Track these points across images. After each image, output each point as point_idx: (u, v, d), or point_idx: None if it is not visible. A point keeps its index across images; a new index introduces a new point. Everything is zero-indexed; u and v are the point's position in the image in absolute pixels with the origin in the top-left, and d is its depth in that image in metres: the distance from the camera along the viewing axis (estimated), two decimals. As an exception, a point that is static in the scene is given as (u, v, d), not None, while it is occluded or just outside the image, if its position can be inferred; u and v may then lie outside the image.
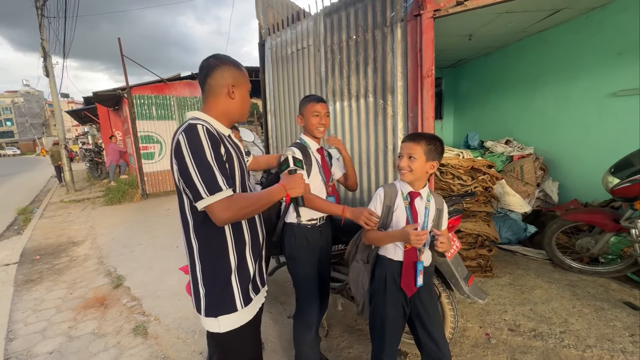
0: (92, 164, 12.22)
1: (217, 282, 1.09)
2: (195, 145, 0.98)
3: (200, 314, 1.11)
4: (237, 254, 1.12)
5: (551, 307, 2.42)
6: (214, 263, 1.09)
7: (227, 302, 1.09)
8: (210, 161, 0.98)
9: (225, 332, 1.10)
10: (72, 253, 4.50)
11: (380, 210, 1.46)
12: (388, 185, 1.50)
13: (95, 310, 2.92)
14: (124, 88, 7.38)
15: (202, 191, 0.96)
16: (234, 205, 0.99)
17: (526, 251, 3.27)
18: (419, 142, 1.38)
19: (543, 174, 3.89)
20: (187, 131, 0.99)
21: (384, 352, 1.42)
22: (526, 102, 4.32)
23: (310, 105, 1.71)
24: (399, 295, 1.43)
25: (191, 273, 1.13)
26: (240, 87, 1.16)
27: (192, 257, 1.12)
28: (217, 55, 1.16)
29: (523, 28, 3.87)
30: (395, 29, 2.19)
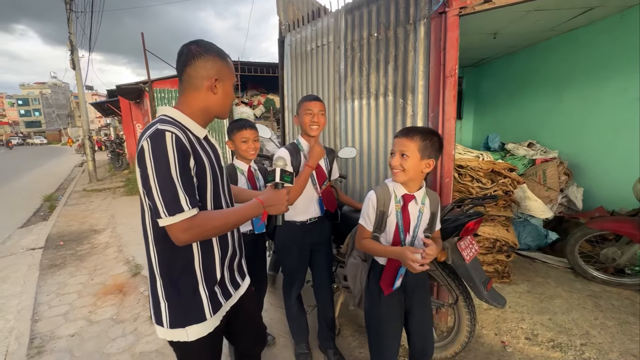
0: (114, 155, 12.62)
1: (182, 295, 1.01)
2: (159, 157, 0.87)
3: (162, 326, 1.02)
4: (203, 264, 1.03)
5: (571, 317, 2.34)
6: (177, 278, 1.01)
7: (195, 313, 1.02)
8: (174, 177, 0.88)
9: (193, 340, 1.03)
10: (93, 240, 4.67)
11: (373, 216, 1.36)
12: (380, 186, 1.38)
13: (114, 296, 3.02)
14: (145, 82, 7.55)
15: (161, 210, 0.88)
16: (196, 227, 0.91)
17: (546, 258, 3.16)
18: (413, 138, 1.26)
19: (567, 179, 3.74)
20: (154, 138, 0.88)
21: (386, 349, 1.40)
22: (552, 103, 4.16)
23: (304, 104, 1.74)
24: (395, 296, 1.38)
25: (150, 285, 1.05)
26: (225, 82, 1.04)
27: (151, 270, 1.03)
28: (199, 41, 1.02)
29: (552, 26, 3.71)
30: (419, 26, 2.13)
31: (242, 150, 1.82)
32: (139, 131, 11.36)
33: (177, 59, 1.02)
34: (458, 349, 1.78)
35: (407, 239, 1.35)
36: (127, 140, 12.24)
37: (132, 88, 8.09)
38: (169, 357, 2.15)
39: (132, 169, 11.01)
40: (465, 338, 1.72)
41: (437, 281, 1.80)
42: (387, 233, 1.36)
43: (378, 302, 1.40)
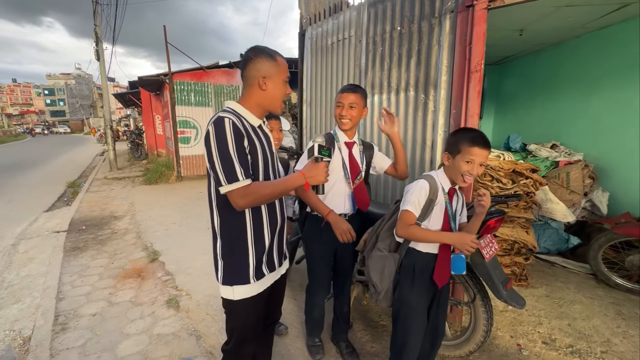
0: (133, 145, 12.97)
1: (234, 256, 1.20)
2: (220, 137, 1.08)
3: (218, 280, 1.24)
4: (254, 234, 1.21)
5: (592, 324, 2.27)
6: (233, 240, 1.20)
7: (241, 275, 1.20)
8: (231, 153, 1.08)
9: (237, 299, 1.21)
10: (113, 226, 4.83)
11: (424, 203, 1.38)
12: (428, 176, 1.43)
13: (133, 280, 3.12)
14: (166, 74, 7.72)
15: (222, 179, 1.08)
16: (250, 193, 1.10)
17: (567, 263, 3.07)
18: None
19: (592, 182, 3.61)
20: (216, 123, 1.09)
21: (410, 337, 1.44)
22: (579, 104, 4.00)
23: (338, 96, 1.73)
24: (427, 286, 1.43)
25: (213, 245, 1.25)
26: (273, 78, 1.19)
27: (214, 231, 1.24)
28: (254, 47, 1.22)
29: (583, 23, 3.56)
30: (444, 20, 2.09)
31: (335, 114, 1.77)
32: (158, 122, 11.64)
33: (241, 61, 1.24)
34: (473, 348, 1.75)
35: (455, 225, 1.44)
36: (147, 131, 12.54)
37: (153, 80, 8.27)
38: (185, 341, 2.21)
39: (151, 159, 11.30)
40: (481, 338, 1.69)
41: (454, 279, 1.78)
42: (433, 222, 1.41)
43: (411, 290, 1.44)
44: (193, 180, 8.35)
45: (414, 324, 1.43)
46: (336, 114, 1.73)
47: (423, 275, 1.43)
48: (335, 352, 2.04)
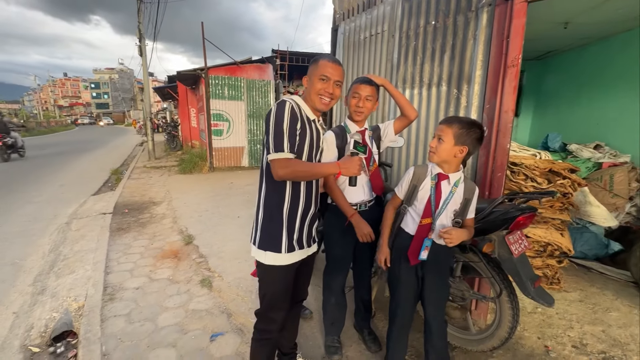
0: (170, 137, 13.68)
1: (272, 224, 1.36)
2: (279, 114, 1.26)
3: (253, 244, 1.40)
4: (289, 210, 1.36)
5: (629, 332, 2.16)
6: (272, 209, 1.36)
7: (275, 244, 1.35)
8: (284, 128, 1.25)
9: (268, 264, 1.36)
10: (152, 211, 5.19)
11: (406, 188, 1.59)
12: (420, 165, 1.60)
13: (170, 260, 3.37)
14: (202, 68, 8.07)
15: (271, 147, 1.26)
16: (290, 166, 1.25)
17: (604, 269, 2.92)
18: (451, 125, 1.42)
19: (639, 186, 3.38)
20: (279, 104, 1.28)
21: (400, 304, 1.65)
22: (627, 102, 3.73)
23: (354, 86, 1.73)
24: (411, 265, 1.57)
25: (255, 213, 1.42)
26: (311, 77, 1.38)
27: (259, 199, 1.41)
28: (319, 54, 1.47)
29: (635, 16, 3.31)
30: (481, 14, 2.06)
31: (350, 105, 1.78)
32: (193, 115, 12.18)
33: None
34: (497, 343, 1.75)
35: (436, 211, 1.50)
36: (182, 123, 13.18)
37: (190, 74, 8.67)
38: (217, 317, 2.38)
39: (186, 150, 11.88)
40: (505, 334, 1.69)
41: (481, 274, 1.78)
42: (418, 206, 1.55)
43: (399, 266, 1.62)
44: (224, 172, 8.70)
45: (402, 294, 1.64)
46: (351, 104, 1.73)
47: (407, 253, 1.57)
48: (357, 338, 2.12)
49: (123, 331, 2.22)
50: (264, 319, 1.46)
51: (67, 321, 2.33)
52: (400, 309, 1.66)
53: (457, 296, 1.87)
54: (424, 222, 1.52)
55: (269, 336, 1.46)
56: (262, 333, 1.47)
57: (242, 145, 8.94)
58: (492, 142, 2.01)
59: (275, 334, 1.47)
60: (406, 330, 1.70)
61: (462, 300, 1.88)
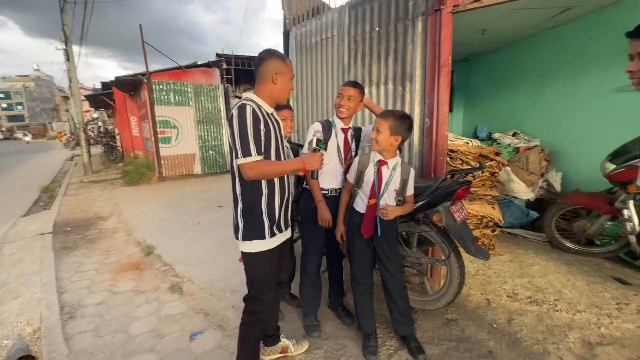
0: (107, 148, 12.58)
1: (253, 217, 1.47)
2: (241, 120, 1.34)
3: (237, 239, 1.51)
4: (267, 200, 1.48)
5: (547, 280, 2.67)
6: (252, 203, 1.47)
7: (258, 232, 1.47)
8: (249, 132, 1.34)
9: (255, 252, 1.48)
10: (100, 226, 4.82)
11: (354, 174, 1.87)
12: (364, 154, 1.88)
13: (131, 272, 3.23)
14: (144, 73, 7.64)
15: (239, 152, 1.35)
16: (258, 168, 1.36)
17: (527, 234, 3.51)
18: (386, 119, 1.70)
19: (547, 165, 4.09)
20: (239, 109, 1.36)
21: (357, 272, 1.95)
22: (535, 96, 4.50)
23: (340, 88, 1.99)
24: (363, 238, 1.86)
25: (234, 209, 1.52)
26: (283, 75, 1.48)
27: (235, 197, 1.50)
28: (268, 49, 1.51)
29: (535, 24, 4.03)
30: (417, 22, 2.40)
31: (335, 103, 2.01)
32: (134, 124, 11.38)
33: (255, 62, 1.51)
34: (449, 299, 2.07)
35: (380, 192, 1.78)
36: (122, 133, 12.22)
37: (129, 80, 8.15)
38: (193, 318, 2.39)
39: (128, 161, 11.05)
40: (456, 289, 2.01)
41: (433, 242, 2.09)
42: (365, 188, 1.82)
43: (353, 239, 1.92)
44: (175, 181, 8.32)
45: (359, 263, 1.93)
46: (336, 102, 1.99)
47: (359, 228, 1.85)
48: (333, 316, 2.30)
49: (93, 345, 2.13)
50: (254, 302, 1.58)
51: (23, 346, 2.16)
52: (359, 276, 1.94)
53: (415, 263, 2.16)
54: (370, 203, 1.80)
55: (260, 317, 1.58)
56: (254, 315, 1.58)
57: (193, 152, 8.63)
58: (433, 131, 2.36)
59: (265, 314, 1.60)
60: (368, 295, 1.96)
61: (419, 266, 2.18)
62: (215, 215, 5.05)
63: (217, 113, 8.79)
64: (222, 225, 4.53)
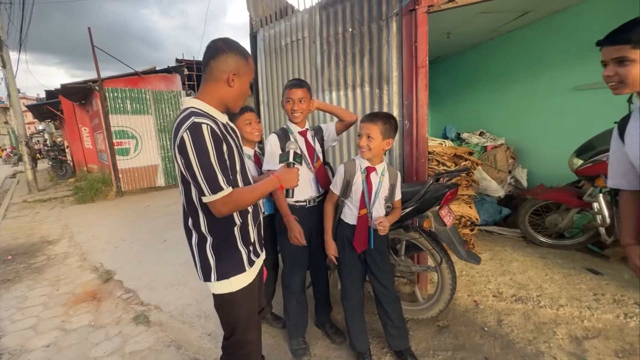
0: (56, 163, 11.44)
1: (228, 250, 1.21)
2: (199, 146, 1.02)
3: (210, 281, 1.21)
4: (242, 227, 1.24)
5: (527, 276, 2.72)
6: (225, 237, 1.21)
7: (237, 265, 1.22)
8: (213, 162, 1.04)
9: (236, 290, 1.23)
10: (48, 252, 4.27)
11: (340, 184, 1.71)
12: (348, 162, 1.73)
13: (87, 304, 2.84)
14: (95, 80, 7.02)
15: (205, 190, 1.05)
16: (232, 201, 1.09)
17: (502, 230, 3.59)
18: (376, 123, 1.57)
19: (513, 162, 4.26)
20: (192, 130, 1.02)
21: (349, 288, 1.81)
22: (497, 96, 4.70)
23: (286, 92, 1.82)
24: (353, 250, 1.73)
25: (198, 246, 1.21)
26: (241, 77, 1.16)
27: (200, 233, 1.20)
28: (226, 39, 1.15)
29: (494, 28, 4.20)
30: (391, 22, 2.34)
31: (247, 132, 1.89)
32: (86, 135, 10.47)
33: (205, 53, 1.15)
34: (442, 306, 2.00)
35: (370, 201, 1.66)
36: (72, 145, 11.19)
37: (79, 87, 7.45)
38: (163, 353, 2.11)
39: (81, 176, 10.12)
40: (448, 295, 1.95)
41: (422, 248, 2.01)
42: (354, 198, 1.69)
43: (343, 253, 1.78)
44: (136, 195, 7.71)
45: (350, 278, 1.80)
46: (287, 108, 1.82)
47: (349, 242, 1.73)
48: (321, 334, 2.14)
49: (40, 400, 1.79)
50: (239, 345, 1.31)
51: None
52: (350, 291, 1.81)
53: (405, 272, 2.07)
54: (361, 213, 1.67)
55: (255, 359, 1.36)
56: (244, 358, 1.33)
57: (154, 164, 8.07)
58: (413, 133, 2.30)
59: (255, 355, 1.37)
60: (360, 310, 1.83)
61: (410, 274, 2.09)
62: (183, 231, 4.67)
63: (169, 122, 8.30)
64: (191, 242, 4.19)
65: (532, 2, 3.39)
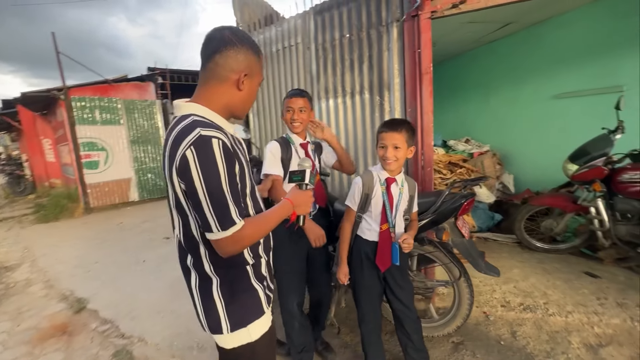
0: (12, 178, 10.46)
1: (240, 291, 0.97)
2: (208, 167, 0.80)
3: (220, 333, 0.96)
4: (254, 265, 1.01)
5: (530, 282, 2.70)
6: (237, 277, 0.97)
7: (254, 307, 0.99)
8: (224, 188, 0.82)
9: (256, 339, 0.99)
10: (6, 279, 3.78)
11: (359, 199, 1.58)
12: (365, 173, 1.60)
13: (56, 340, 2.49)
14: (60, 89, 6.50)
15: (212, 224, 0.83)
16: (244, 238, 0.87)
17: (496, 237, 3.61)
18: (401, 131, 1.47)
19: (500, 168, 4.34)
20: (199, 146, 0.79)
21: (367, 311, 1.66)
22: (481, 104, 4.81)
23: (286, 101, 1.74)
24: (373, 269, 1.60)
25: (201, 292, 0.97)
26: (253, 79, 0.95)
27: (201, 274, 0.96)
28: (233, 28, 0.92)
29: (477, 38, 4.32)
30: (391, 28, 2.29)
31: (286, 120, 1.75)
32: (48, 147, 9.68)
33: (206, 44, 0.91)
34: (460, 322, 1.90)
35: (392, 214, 1.55)
36: (32, 158, 10.31)
37: (41, 97, 6.86)
38: (153, 395, 1.85)
39: (42, 192, 9.29)
40: (467, 311, 1.85)
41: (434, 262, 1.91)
42: (374, 212, 1.56)
43: (361, 272, 1.63)
44: (107, 211, 7.15)
45: (369, 299, 1.65)
46: (287, 118, 1.73)
47: (369, 260, 1.60)
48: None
49: None
50: None
51: None
52: (369, 314, 1.67)
53: (420, 288, 1.96)
54: (383, 228, 1.56)
55: None
56: None
57: (127, 177, 7.56)
58: (419, 142, 2.23)
59: None
60: (378, 334, 1.71)
61: (427, 290, 1.98)
62: (164, 250, 4.33)
63: (154, 131, 7.88)
64: (173, 261, 3.87)
65: (515, 13, 3.50)
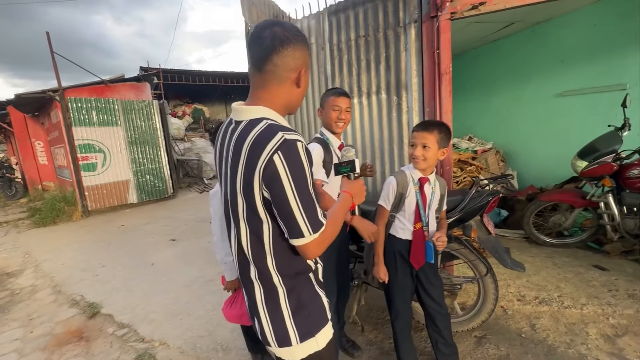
0: (3, 182, 10.20)
1: (306, 299, 0.94)
2: (297, 172, 0.79)
3: (289, 345, 0.92)
4: (314, 260, 0.99)
5: (542, 276, 2.77)
6: (299, 281, 0.94)
7: (320, 315, 0.97)
8: (311, 192, 0.83)
9: (325, 346, 0.96)
10: (10, 286, 3.71)
11: (392, 198, 1.60)
12: (398, 173, 1.62)
13: (74, 346, 2.46)
14: (56, 89, 6.36)
15: (305, 229, 0.82)
16: (326, 239, 0.87)
17: (504, 232, 3.68)
18: (432, 132, 1.50)
19: (504, 164, 4.43)
20: (287, 151, 0.78)
21: (401, 309, 1.69)
22: (484, 103, 4.89)
23: (332, 99, 1.72)
24: (406, 267, 1.64)
25: (268, 305, 0.93)
26: (307, 74, 0.93)
27: (267, 284, 0.92)
28: (283, 24, 0.86)
29: (480, 37, 4.38)
30: (409, 29, 2.31)
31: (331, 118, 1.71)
32: (40, 150, 9.48)
33: (256, 43, 0.85)
34: (485, 318, 1.95)
35: (425, 213, 1.59)
36: (25, 161, 10.06)
37: (36, 97, 6.70)
38: (183, 398, 1.85)
39: (35, 195, 9.09)
40: (492, 306, 1.90)
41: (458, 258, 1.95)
42: (407, 211, 1.59)
43: (395, 271, 1.66)
44: (106, 214, 7.04)
45: (402, 297, 1.69)
46: (332, 117, 1.71)
47: (403, 258, 1.64)
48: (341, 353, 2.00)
49: None
50: None
51: None
52: (402, 312, 1.70)
53: (447, 285, 2.00)
54: (417, 227, 1.60)
55: None
56: None
57: (126, 179, 7.44)
58: (438, 141, 2.26)
59: None
60: (410, 330, 1.76)
61: (454, 287, 2.02)
62: (171, 252, 4.30)
63: (152, 132, 7.77)
64: (183, 263, 3.85)
65: (520, 12, 3.56)
